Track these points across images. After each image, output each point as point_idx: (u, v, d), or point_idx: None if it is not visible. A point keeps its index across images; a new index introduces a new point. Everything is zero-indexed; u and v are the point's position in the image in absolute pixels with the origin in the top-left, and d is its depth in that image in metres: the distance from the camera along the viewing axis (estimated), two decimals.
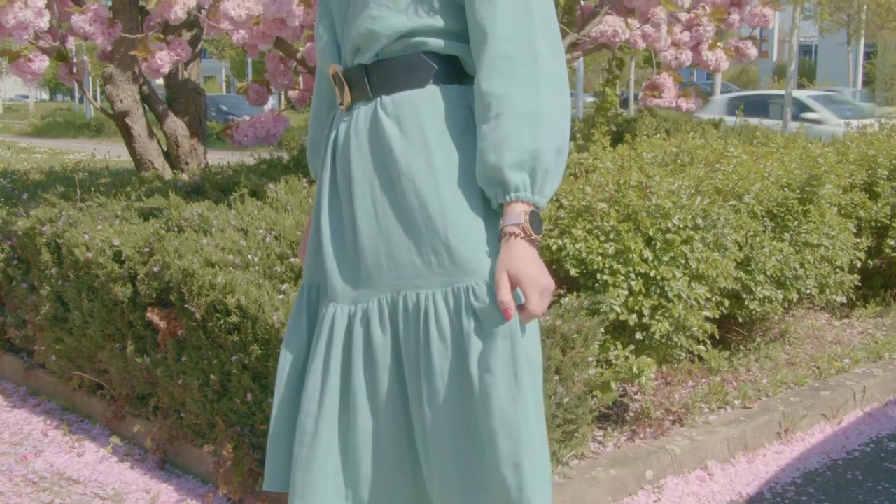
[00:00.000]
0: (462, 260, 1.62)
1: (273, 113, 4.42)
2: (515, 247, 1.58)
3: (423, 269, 1.64)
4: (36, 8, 3.05)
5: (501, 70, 1.58)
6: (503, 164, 1.57)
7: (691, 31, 4.68)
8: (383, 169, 1.67)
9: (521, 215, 1.58)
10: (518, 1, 1.60)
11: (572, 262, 3.29)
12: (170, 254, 3.08)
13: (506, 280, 1.57)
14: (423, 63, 1.67)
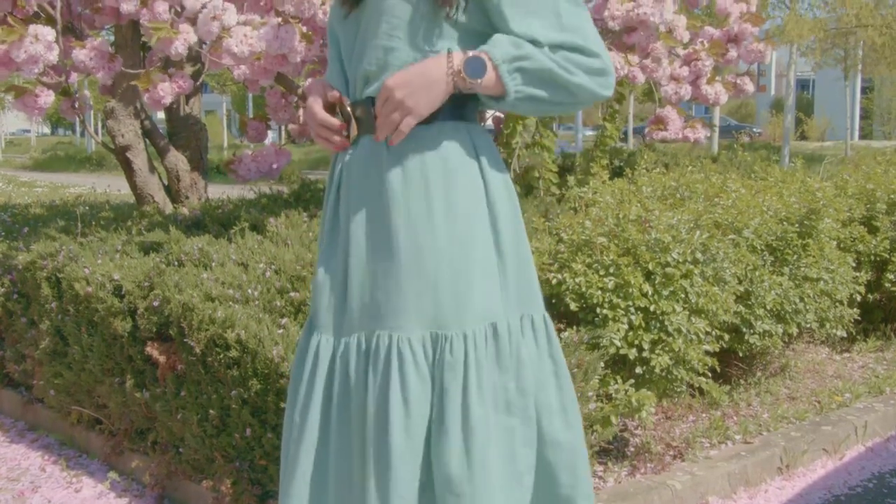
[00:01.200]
0: (446, 307, 1.62)
1: (275, 147, 4.44)
2: (437, 59, 1.61)
3: (401, 310, 1.63)
4: (46, 42, 3.07)
5: None
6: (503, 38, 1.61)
7: (690, 65, 4.71)
8: (381, 205, 1.67)
9: (475, 54, 1.60)
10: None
11: (572, 297, 3.29)
12: (170, 288, 3.09)
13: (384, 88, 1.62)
14: None
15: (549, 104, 1.66)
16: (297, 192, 4.86)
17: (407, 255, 1.63)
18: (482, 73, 1.60)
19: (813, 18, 19.32)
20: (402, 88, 1.60)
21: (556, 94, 1.64)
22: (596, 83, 1.64)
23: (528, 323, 1.73)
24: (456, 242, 1.64)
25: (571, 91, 1.63)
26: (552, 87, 1.62)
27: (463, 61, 1.59)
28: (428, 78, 1.61)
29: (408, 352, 1.62)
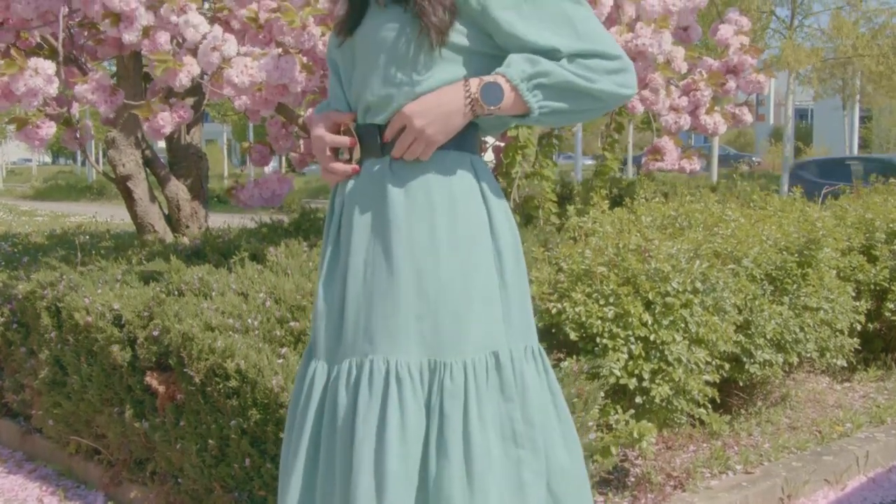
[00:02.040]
0: (446, 333, 1.62)
1: (277, 174, 4.45)
2: (455, 87, 1.63)
3: (401, 334, 1.63)
4: (46, 75, 3.09)
5: None
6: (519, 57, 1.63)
7: (689, 95, 4.73)
8: (383, 230, 1.67)
9: (492, 79, 1.62)
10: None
11: (572, 326, 3.29)
12: (170, 318, 3.09)
13: (399, 116, 1.64)
14: None
15: (576, 113, 1.68)
16: (298, 222, 4.87)
17: (407, 280, 1.63)
18: (500, 99, 1.62)
19: (810, 47, 19.43)
20: (422, 117, 1.62)
21: (580, 102, 1.65)
22: (618, 84, 1.66)
23: (530, 353, 1.73)
24: (458, 269, 1.64)
25: (595, 97, 1.65)
26: (575, 98, 1.64)
27: (479, 88, 1.61)
28: (447, 107, 1.63)
29: (406, 376, 1.61)
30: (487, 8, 1.63)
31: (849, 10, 19.49)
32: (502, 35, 1.65)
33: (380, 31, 1.67)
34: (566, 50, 1.63)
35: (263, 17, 3.57)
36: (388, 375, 1.62)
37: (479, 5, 1.63)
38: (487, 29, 1.66)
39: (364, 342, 1.66)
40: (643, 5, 3.84)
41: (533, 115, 1.64)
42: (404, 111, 1.64)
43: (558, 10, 1.64)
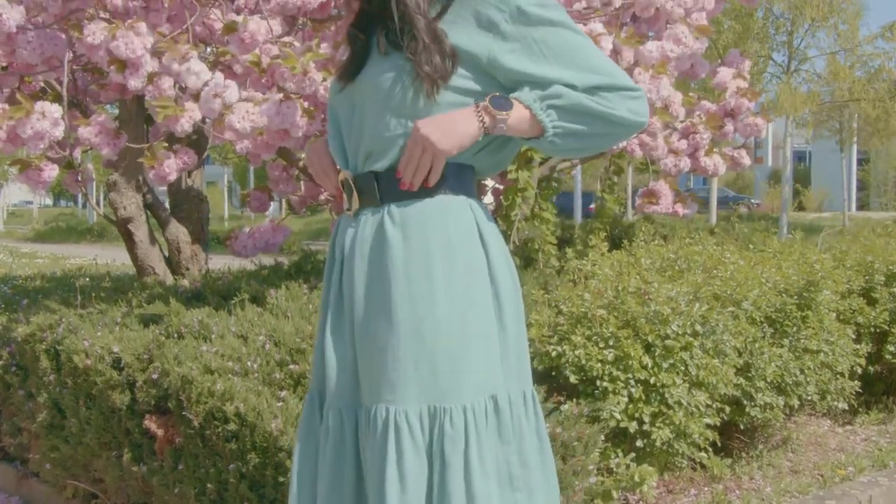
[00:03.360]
0: (444, 378, 1.62)
1: (273, 223, 4.47)
2: (455, 111, 1.65)
3: (399, 383, 1.63)
4: (52, 118, 3.12)
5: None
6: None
7: (688, 138, 4.77)
8: (382, 278, 1.68)
9: (500, 94, 1.65)
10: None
11: (572, 369, 3.28)
12: (169, 360, 3.08)
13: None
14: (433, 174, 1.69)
15: (591, 137, 1.69)
16: (298, 264, 4.88)
17: (406, 327, 1.63)
18: (508, 107, 1.63)
19: (807, 91, 19.57)
20: (428, 125, 1.63)
21: (595, 125, 1.66)
22: (632, 112, 1.67)
23: (526, 397, 1.73)
24: (456, 314, 1.64)
25: (609, 121, 1.66)
26: (590, 120, 1.65)
27: (488, 100, 1.63)
28: (454, 116, 1.64)
29: (404, 425, 1.61)
30: (496, 57, 1.65)
31: (845, 55, 19.66)
32: (515, 76, 1.66)
33: (380, 78, 1.69)
34: (582, 84, 1.65)
35: (266, 62, 3.61)
36: (388, 425, 1.61)
37: (487, 58, 1.65)
38: (496, 75, 1.67)
39: (367, 391, 1.67)
40: (641, 51, 3.88)
41: (547, 134, 1.64)
42: (416, 123, 1.65)
43: (568, 46, 1.66)
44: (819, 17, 18.09)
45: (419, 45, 1.63)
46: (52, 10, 3.43)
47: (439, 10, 1.68)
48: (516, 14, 1.64)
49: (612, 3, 3.84)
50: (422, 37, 1.63)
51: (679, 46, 3.93)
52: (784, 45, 19.78)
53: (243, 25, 3.49)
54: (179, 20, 3.73)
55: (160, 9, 3.75)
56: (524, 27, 1.64)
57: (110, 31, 3.20)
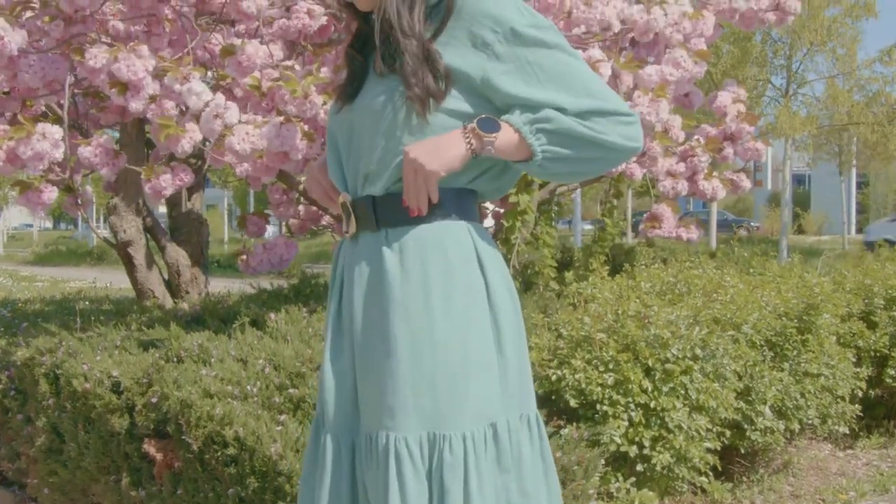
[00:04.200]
0: (443, 405, 1.61)
1: (282, 237, 4.47)
2: (451, 135, 1.65)
3: (399, 410, 1.62)
4: (53, 140, 3.13)
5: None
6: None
7: (686, 161, 4.78)
8: (381, 304, 1.67)
9: (488, 115, 1.65)
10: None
11: (572, 393, 3.28)
12: (168, 384, 3.08)
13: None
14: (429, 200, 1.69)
15: (581, 161, 1.68)
16: (298, 287, 4.87)
17: (404, 353, 1.63)
18: (496, 129, 1.63)
19: (806, 115, 19.64)
20: (416, 149, 1.63)
21: (585, 150, 1.65)
22: (624, 137, 1.67)
23: (526, 422, 1.72)
24: (455, 341, 1.64)
25: (601, 146, 1.65)
26: (579, 145, 1.65)
27: (477, 120, 1.63)
28: (442, 139, 1.64)
29: (405, 452, 1.60)
30: (489, 78, 1.65)
31: (843, 79, 19.75)
32: (508, 99, 1.66)
33: (375, 100, 1.69)
34: (573, 108, 1.64)
35: (266, 86, 3.62)
36: (388, 452, 1.61)
37: (481, 79, 1.65)
38: (489, 96, 1.67)
39: (367, 417, 1.66)
40: (641, 75, 3.90)
41: (536, 158, 1.64)
42: (405, 149, 1.65)
43: (562, 69, 1.66)
44: (817, 41, 18.18)
45: (409, 66, 1.63)
46: (54, 35, 3.45)
47: (434, 30, 1.68)
48: (510, 36, 1.64)
49: (611, 28, 3.86)
50: (411, 58, 1.63)
51: (678, 70, 3.94)
52: (782, 68, 19.87)
53: (241, 49, 3.51)
54: (180, 44, 3.75)
55: (161, 33, 3.78)
56: (518, 49, 1.64)
57: (112, 53, 3.22)
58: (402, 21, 1.65)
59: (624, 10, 3.96)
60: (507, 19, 1.64)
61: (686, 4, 4.18)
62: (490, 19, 1.64)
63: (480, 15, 1.65)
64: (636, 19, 3.94)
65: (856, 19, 18.61)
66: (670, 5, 4.05)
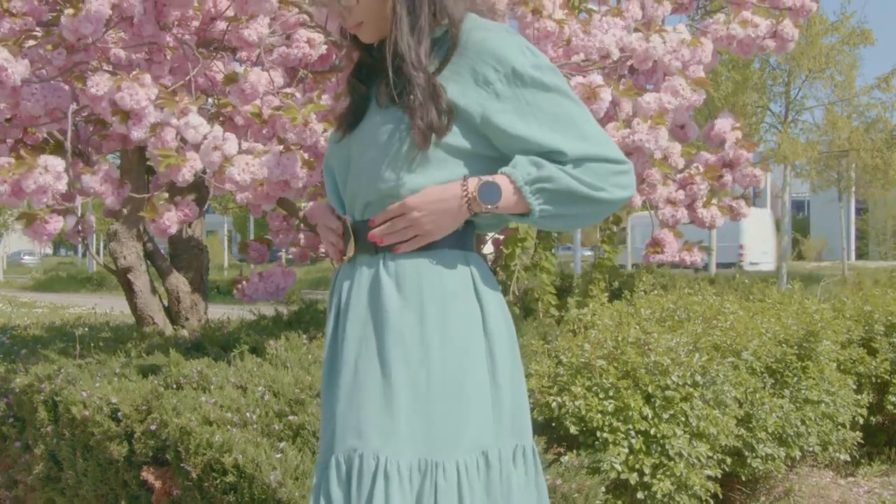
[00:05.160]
0: (439, 433, 1.61)
1: (280, 266, 4.47)
2: (453, 185, 1.65)
3: (391, 433, 1.62)
4: (55, 172, 3.14)
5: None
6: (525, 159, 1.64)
7: (686, 189, 4.79)
8: (377, 328, 1.68)
9: (492, 178, 1.64)
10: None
11: (572, 420, 3.27)
12: (167, 412, 3.07)
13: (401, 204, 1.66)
14: None
15: (576, 218, 1.70)
16: (298, 314, 4.88)
17: (399, 378, 1.63)
18: (497, 198, 1.63)
19: (806, 141, 19.70)
20: (421, 210, 1.64)
21: (581, 207, 1.67)
22: (619, 187, 1.68)
23: (521, 453, 1.71)
24: (450, 369, 1.64)
25: (597, 202, 1.67)
26: (577, 204, 1.66)
27: (477, 187, 1.63)
28: (445, 204, 1.65)
29: (395, 473, 1.60)
30: (489, 116, 1.66)
31: (842, 106, 19.83)
32: (506, 138, 1.67)
33: (378, 130, 1.70)
34: (572, 153, 1.65)
35: (267, 113, 3.64)
36: (377, 472, 1.60)
37: (482, 118, 1.66)
38: (488, 135, 1.68)
39: (353, 437, 1.65)
40: (639, 102, 3.91)
41: (534, 216, 1.66)
42: (406, 201, 1.66)
43: (560, 112, 1.67)
44: (816, 68, 18.26)
45: (416, 99, 1.64)
46: (56, 63, 3.47)
47: (437, 65, 1.69)
48: (511, 75, 1.65)
49: (610, 55, 3.89)
50: (419, 91, 1.64)
51: (677, 98, 3.96)
52: (781, 95, 19.95)
53: (244, 77, 3.53)
54: (182, 72, 3.77)
55: (163, 61, 3.80)
56: (518, 89, 1.65)
57: (115, 81, 3.23)
58: (412, 53, 1.66)
59: (623, 38, 3.99)
60: (510, 59, 1.65)
61: (684, 32, 4.21)
62: (493, 58, 1.65)
63: (484, 52, 1.66)
64: (635, 47, 3.97)
65: (853, 46, 18.71)
66: (669, 33, 4.08)
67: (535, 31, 3.76)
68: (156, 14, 3.51)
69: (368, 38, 1.75)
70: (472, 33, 1.68)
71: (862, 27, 18.45)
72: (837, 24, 18.31)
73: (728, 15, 4.53)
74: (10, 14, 3.41)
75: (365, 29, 1.73)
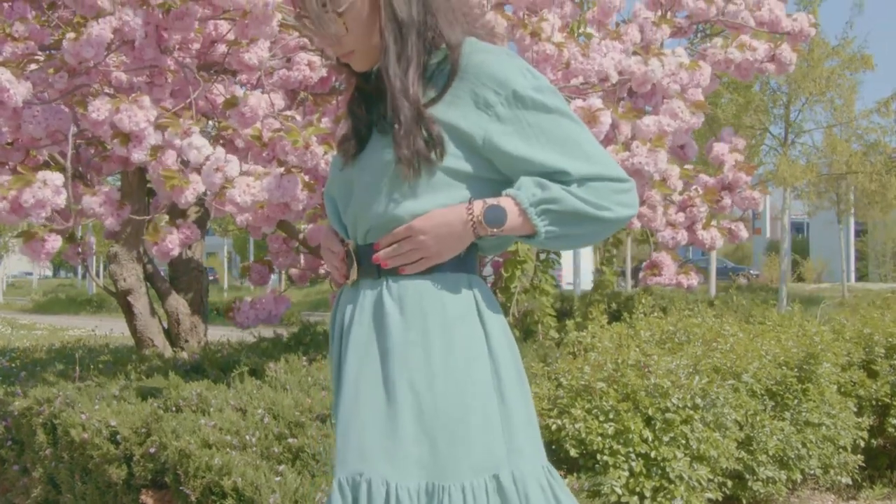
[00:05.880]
0: (444, 456, 1.61)
1: (274, 294, 4.48)
2: (458, 208, 1.65)
3: (398, 458, 1.61)
4: (54, 186, 3.15)
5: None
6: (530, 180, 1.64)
7: (685, 211, 4.80)
8: (381, 352, 1.67)
9: (496, 201, 1.63)
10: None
11: (572, 443, 3.26)
12: (167, 434, 3.06)
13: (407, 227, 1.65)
14: None
15: (581, 237, 1.71)
16: (297, 336, 4.87)
17: (404, 402, 1.62)
18: (502, 222, 1.64)
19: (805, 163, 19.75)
20: (427, 233, 1.64)
21: (587, 228, 1.68)
22: (623, 205, 1.68)
23: (538, 473, 1.69)
24: (455, 392, 1.63)
25: (601, 221, 1.67)
26: (582, 224, 1.67)
27: (483, 211, 1.63)
28: (451, 228, 1.65)
29: (406, 500, 1.59)
30: (491, 139, 1.66)
31: (841, 129, 19.89)
32: (509, 160, 1.67)
33: (379, 156, 1.70)
34: (576, 173, 1.65)
35: (267, 136, 3.65)
36: (388, 498, 1.59)
37: (484, 140, 1.66)
38: (491, 158, 1.68)
39: (357, 459, 1.64)
40: (638, 125, 3.93)
41: (539, 237, 1.66)
42: (412, 224, 1.66)
43: (563, 132, 1.67)
44: (816, 91, 18.33)
45: (401, 128, 1.65)
46: (57, 86, 3.49)
47: (438, 90, 1.69)
48: (512, 98, 1.66)
49: (609, 79, 3.91)
50: (404, 120, 1.65)
51: (675, 121, 3.98)
52: (781, 118, 20.01)
53: (243, 100, 3.55)
54: (183, 95, 3.79)
55: (164, 84, 3.82)
56: (519, 111, 1.66)
57: (114, 104, 3.25)
58: (397, 82, 1.67)
59: (621, 61, 4.01)
60: (511, 81, 1.66)
61: (683, 55, 4.23)
62: (493, 81, 1.66)
63: (484, 76, 1.66)
64: (634, 70, 3.99)
65: (854, 71, 18.80)
66: (667, 56, 4.10)
67: (534, 55, 3.78)
68: (157, 38, 3.53)
69: (360, 67, 1.76)
70: (471, 56, 1.69)
71: (862, 52, 18.53)
72: (838, 49, 18.39)
73: (726, 39, 4.56)
74: (13, 38, 3.43)
75: (356, 58, 1.74)
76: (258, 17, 3.29)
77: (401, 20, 1.68)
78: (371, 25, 1.69)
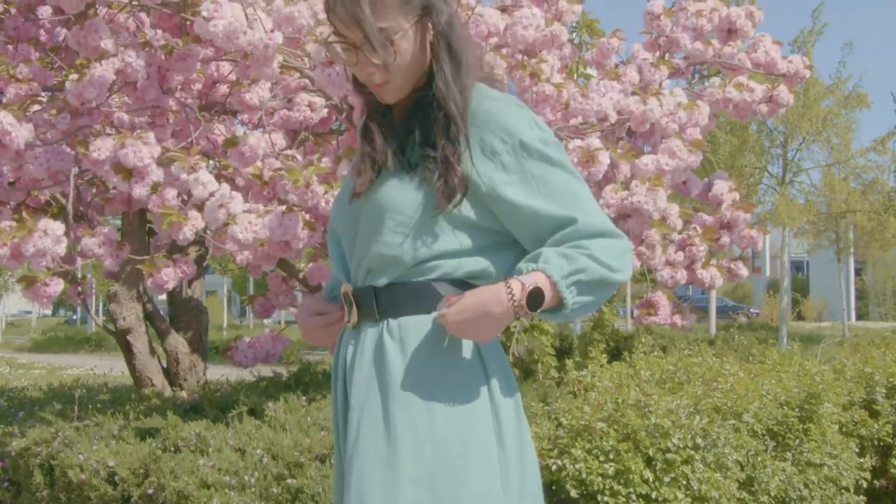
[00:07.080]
0: (443, 499, 1.60)
1: (272, 333, 4.47)
2: (496, 291, 1.60)
3: (396, 500, 1.60)
4: (55, 236, 3.16)
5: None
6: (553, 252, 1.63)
7: (685, 250, 4.81)
8: (381, 394, 1.67)
9: (533, 281, 1.59)
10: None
11: (572, 483, 3.24)
12: (165, 475, 3.05)
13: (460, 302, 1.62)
14: (431, 291, 1.69)
15: (594, 305, 1.70)
16: (297, 375, 4.86)
17: (405, 444, 1.62)
18: (542, 303, 1.61)
19: (804, 202, 19.80)
20: (462, 320, 1.62)
21: (601, 294, 1.67)
22: (630, 267, 1.69)
23: None
24: (455, 434, 1.63)
25: (614, 284, 1.67)
26: (601, 291, 1.66)
27: (525, 296, 1.59)
28: (489, 312, 1.61)
29: None
30: (496, 189, 1.67)
31: (839, 168, 19.96)
32: (510, 209, 1.67)
33: (386, 196, 1.70)
34: (584, 223, 1.65)
35: (268, 175, 3.67)
36: None
37: (488, 188, 1.67)
38: (492, 207, 1.69)
39: (356, 502, 1.64)
40: (637, 164, 3.95)
41: (566, 310, 1.64)
42: (446, 317, 1.63)
43: (564, 187, 1.68)
44: (812, 130, 18.42)
45: (456, 149, 1.66)
46: (60, 127, 3.51)
47: None
48: (518, 147, 1.67)
49: (608, 118, 3.93)
50: (462, 141, 1.66)
51: (674, 160, 4.00)
52: (779, 157, 20.09)
53: (243, 140, 3.57)
54: (184, 135, 3.81)
55: (165, 124, 3.84)
56: (524, 161, 1.67)
57: (119, 139, 3.27)
58: (453, 105, 1.67)
59: (620, 101, 4.04)
60: (517, 131, 1.67)
61: (681, 95, 4.26)
62: (501, 129, 1.67)
63: (493, 124, 1.68)
64: (632, 110, 4.01)
65: (850, 110, 18.89)
66: (665, 96, 4.13)
67: (533, 95, 3.81)
68: (159, 78, 3.56)
69: (391, 98, 1.75)
70: (481, 103, 1.70)
71: (857, 91, 18.63)
72: (833, 88, 18.49)
73: (724, 79, 4.59)
74: (16, 80, 3.46)
75: (389, 88, 1.73)
76: (259, 59, 3.32)
77: (454, 52, 1.70)
78: (416, 56, 1.71)
